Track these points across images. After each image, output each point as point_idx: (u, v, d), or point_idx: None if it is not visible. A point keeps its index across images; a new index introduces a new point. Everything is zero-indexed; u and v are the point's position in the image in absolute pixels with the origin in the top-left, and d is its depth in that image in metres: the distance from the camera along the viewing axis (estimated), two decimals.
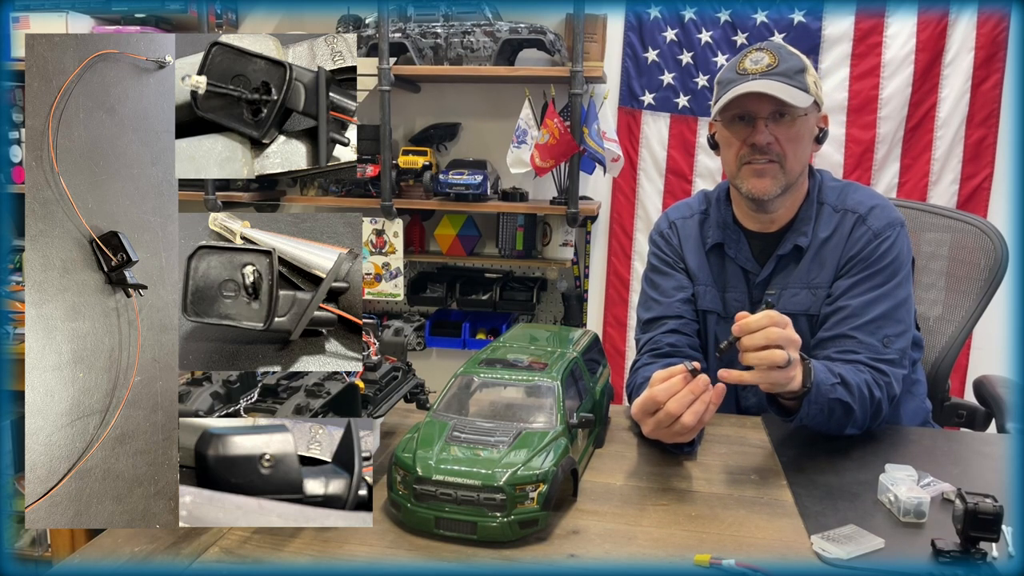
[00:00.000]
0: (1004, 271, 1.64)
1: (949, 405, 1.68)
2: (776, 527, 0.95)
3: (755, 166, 1.37)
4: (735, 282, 1.47)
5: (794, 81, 1.33)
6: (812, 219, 1.42)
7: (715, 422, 1.33)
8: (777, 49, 1.37)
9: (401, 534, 0.91)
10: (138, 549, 0.87)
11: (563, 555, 0.88)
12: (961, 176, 2.52)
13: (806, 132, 1.39)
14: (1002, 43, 2.43)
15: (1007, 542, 0.89)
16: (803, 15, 2.52)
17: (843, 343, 1.32)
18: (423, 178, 2.53)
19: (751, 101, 1.34)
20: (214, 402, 0.91)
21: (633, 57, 2.64)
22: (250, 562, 0.85)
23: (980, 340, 2.37)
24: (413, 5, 2.46)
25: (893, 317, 1.34)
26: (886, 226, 1.39)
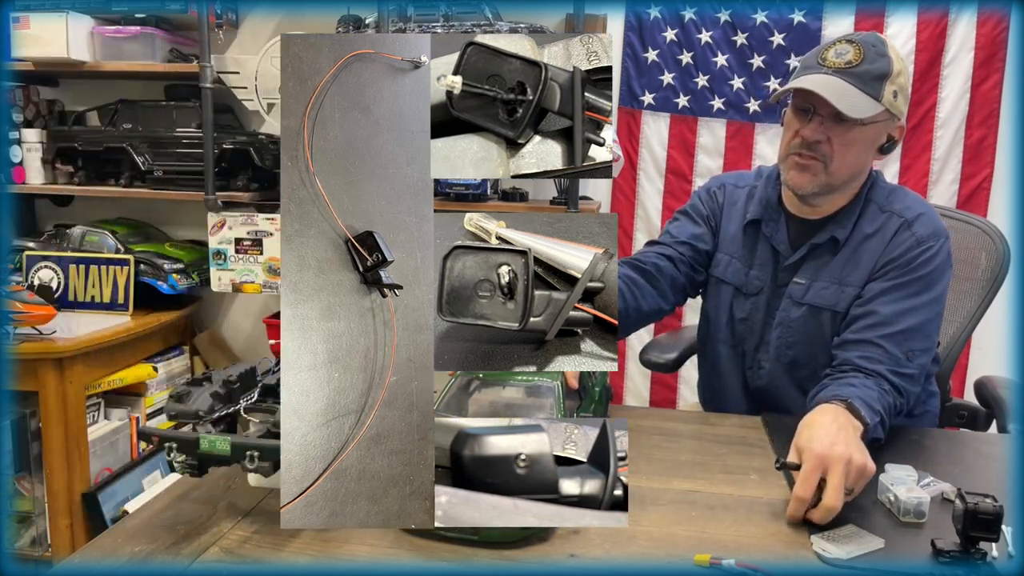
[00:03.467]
0: (1006, 271, 1.64)
1: (950, 406, 1.68)
2: (776, 527, 0.95)
3: (799, 159, 1.35)
4: (763, 261, 1.46)
5: (867, 87, 1.28)
6: (856, 214, 1.40)
7: (715, 422, 1.34)
8: (868, 46, 1.31)
9: (401, 534, 0.91)
10: (138, 549, 0.87)
11: (563, 555, 0.88)
12: (961, 176, 2.52)
13: (863, 140, 1.34)
14: (1002, 43, 2.43)
15: (1007, 542, 0.89)
16: (803, 15, 2.52)
17: (868, 350, 1.30)
18: None
19: (814, 94, 1.29)
20: (214, 402, 0.91)
21: (633, 57, 2.64)
22: (250, 562, 0.85)
23: (980, 340, 2.36)
24: (413, 5, 2.46)
25: (922, 332, 1.32)
26: (931, 235, 1.35)
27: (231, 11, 2.71)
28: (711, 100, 2.62)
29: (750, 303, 1.47)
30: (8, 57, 2.49)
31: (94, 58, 2.58)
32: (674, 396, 2.73)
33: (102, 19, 2.60)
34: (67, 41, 2.47)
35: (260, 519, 0.94)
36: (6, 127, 2.60)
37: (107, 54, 2.58)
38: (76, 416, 2.24)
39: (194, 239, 2.89)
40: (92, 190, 2.67)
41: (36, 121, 2.79)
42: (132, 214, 2.92)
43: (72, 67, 2.57)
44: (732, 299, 1.49)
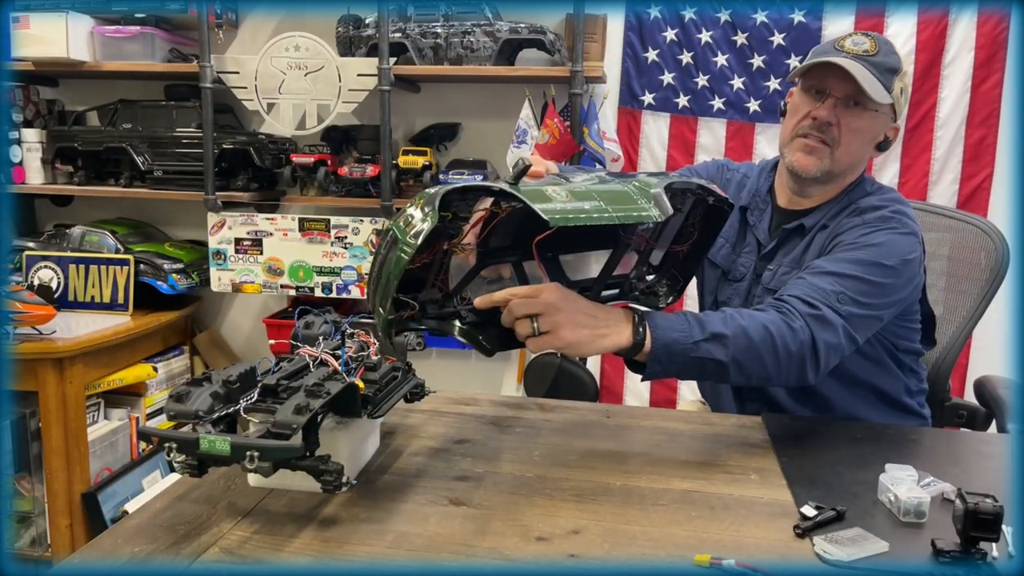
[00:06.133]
0: (1005, 271, 1.64)
1: (950, 405, 1.68)
2: (776, 527, 0.95)
3: (808, 141, 1.36)
4: (748, 249, 1.48)
5: (882, 77, 1.31)
6: (832, 209, 1.40)
7: (715, 422, 1.34)
8: (882, 41, 1.35)
9: (401, 534, 0.91)
10: (138, 549, 0.87)
11: (563, 555, 0.88)
12: (961, 176, 2.52)
13: (870, 130, 1.37)
14: (1002, 43, 2.43)
15: (1007, 542, 0.89)
16: (803, 15, 2.52)
17: (790, 287, 1.24)
18: (423, 178, 2.53)
19: (832, 77, 1.32)
20: (214, 402, 0.91)
21: (633, 57, 2.64)
22: (250, 562, 0.85)
23: (980, 340, 2.36)
24: (413, 5, 2.46)
25: (860, 286, 1.22)
26: (879, 219, 1.32)
27: (231, 11, 2.71)
28: (711, 100, 2.62)
29: (732, 289, 1.50)
30: (8, 57, 2.49)
31: (94, 58, 2.58)
32: (674, 396, 2.73)
33: (102, 19, 2.60)
34: (67, 41, 2.47)
35: (260, 519, 0.94)
36: (6, 127, 2.60)
37: (107, 54, 2.58)
38: (76, 416, 2.24)
39: (194, 239, 2.89)
40: (92, 190, 2.67)
41: (36, 121, 2.79)
42: (132, 214, 2.92)
43: (72, 67, 2.57)
44: (718, 282, 1.51)
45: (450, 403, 1.37)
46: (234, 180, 2.61)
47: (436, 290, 1.10)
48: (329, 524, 0.93)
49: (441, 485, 1.04)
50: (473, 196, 1.01)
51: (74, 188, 2.69)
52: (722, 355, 1.11)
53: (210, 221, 2.60)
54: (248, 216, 2.60)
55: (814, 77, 1.36)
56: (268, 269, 2.61)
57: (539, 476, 1.08)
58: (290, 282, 2.61)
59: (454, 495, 1.01)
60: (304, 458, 0.86)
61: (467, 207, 1.02)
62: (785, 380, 1.19)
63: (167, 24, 2.67)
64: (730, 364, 1.12)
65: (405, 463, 1.12)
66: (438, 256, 1.05)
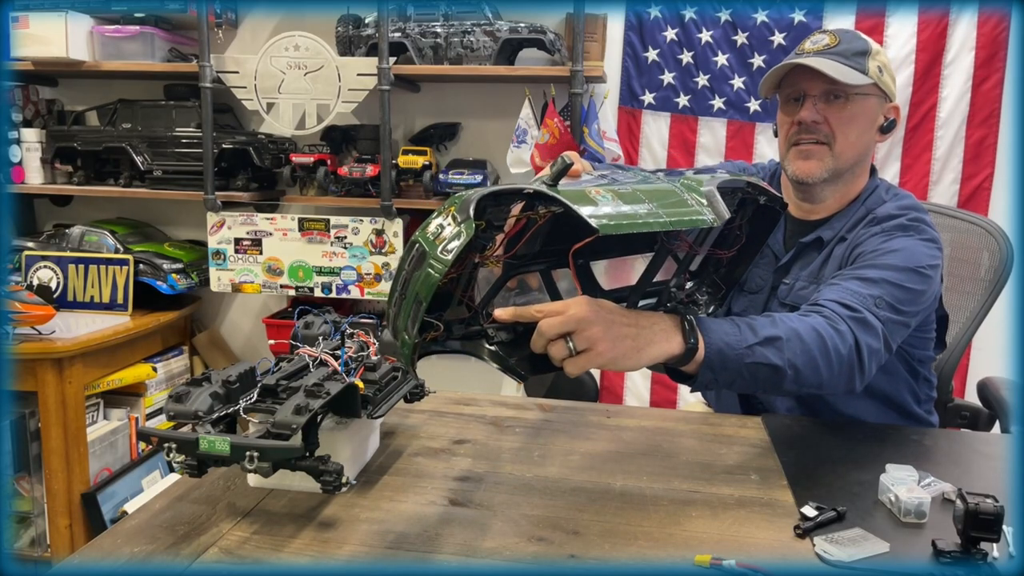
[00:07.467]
0: (1009, 271, 1.63)
1: (952, 406, 1.68)
2: (776, 527, 0.95)
3: (802, 147, 1.35)
4: (764, 260, 1.45)
5: (851, 62, 1.30)
6: (850, 217, 1.38)
7: (715, 422, 1.33)
8: (841, 32, 1.34)
9: (401, 534, 0.91)
10: (138, 549, 0.87)
11: (563, 555, 0.87)
12: (962, 176, 2.51)
13: (862, 115, 1.34)
14: (1002, 43, 2.43)
15: (1008, 542, 0.89)
16: (803, 15, 2.51)
17: (824, 291, 1.19)
18: (423, 178, 2.52)
19: (803, 79, 1.32)
20: (213, 402, 0.91)
21: (633, 57, 2.64)
22: (250, 562, 0.85)
23: (981, 341, 2.35)
24: (413, 4, 2.46)
25: (892, 293, 1.18)
26: (897, 227, 1.30)
27: (231, 11, 2.71)
28: (711, 100, 2.62)
29: (747, 300, 1.47)
30: (8, 57, 2.49)
31: (93, 58, 2.57)
32: (674, 396, 2.73)
33: (101, 19, 2.60)
34: (66, 41, 2.47)
35: (260, 519, 0.94)
36: (5, 127, 2.60)
37: (106, 54, 2.58)
38: (75, 416, 2.23)
39: (193, 239, 2.89)
40: (91, 190, 2.66)
41: (35, 121, 2.79)
42: (131, 214, 2.92)
43: (71, 67, 2.57)
44: (733, 293, 1.48)
45: (450, 403, 1.36)
46: (234, 180, 2.60)
47: (464, 308, 0.99)
48: (329, 524, 0.93)
49: (441, 485, 1.04)
50: (507, 200, 0.89)
51: (73, 188, 2.69)
52: (777, 359, 1.04)
53: (209, 221, 2.60)
54: (248, 216, 2.59)
55: (788, 86, 1.36)
56: (268, 269, 2.61)
57: (539, 476, 1.07)
58: (290, 282, 2.61)
59: (454, 495, 1.01)
60: (304, 458, 0.85)
61: (501, 214, 0.90)
62: (835, 386, 1.12)
63: (166, 24, 2.67)
64: (786, 369, 1.04)
65: (405, 463, 1.11)
66: (466, 269, 0.94)
